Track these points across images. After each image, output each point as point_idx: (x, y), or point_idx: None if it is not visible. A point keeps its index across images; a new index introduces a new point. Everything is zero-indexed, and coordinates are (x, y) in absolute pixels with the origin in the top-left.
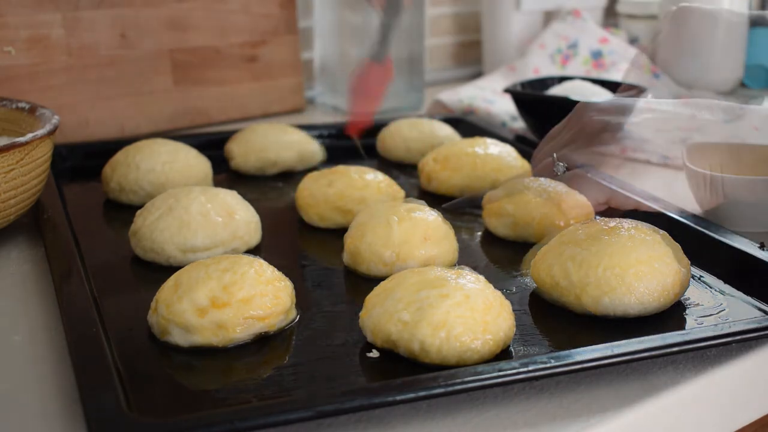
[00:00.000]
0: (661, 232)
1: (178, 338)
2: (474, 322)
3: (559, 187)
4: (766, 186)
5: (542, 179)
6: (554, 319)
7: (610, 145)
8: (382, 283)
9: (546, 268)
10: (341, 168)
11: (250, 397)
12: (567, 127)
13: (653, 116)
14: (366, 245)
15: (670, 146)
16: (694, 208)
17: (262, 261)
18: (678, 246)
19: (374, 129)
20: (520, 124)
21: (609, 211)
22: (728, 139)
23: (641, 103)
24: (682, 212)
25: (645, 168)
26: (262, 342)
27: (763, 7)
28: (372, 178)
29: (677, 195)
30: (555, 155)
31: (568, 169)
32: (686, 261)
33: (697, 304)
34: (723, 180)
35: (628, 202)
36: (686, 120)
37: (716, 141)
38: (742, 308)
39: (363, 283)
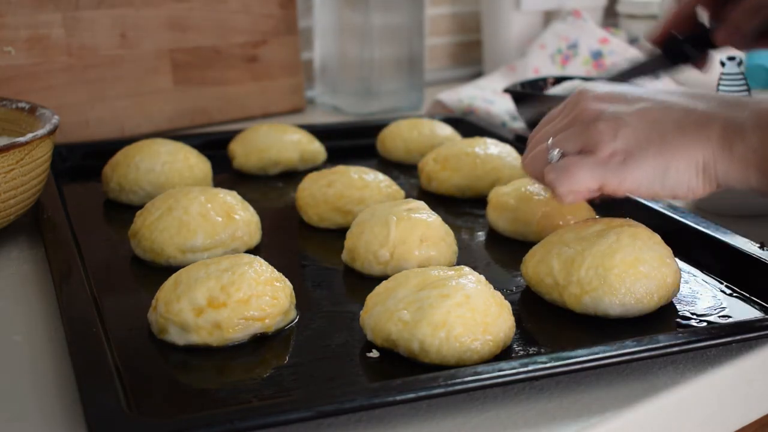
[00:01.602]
0: (656, 235)
1: (176, 337)
2: (474, 323)
3: None
4: None
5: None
6: (554, 320)
7: (605, 133)
8: (383, 282)
9: (534, 265)
10: (341, 168)
11: (250, 397)
12: (563, 112)
13: (649, 106)
14: (363, 243)
15: (665, 136)
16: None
17: (262, 261)
18: (669, 250)
19: (374, 129)
20: (520, 124)
21: (602, 198)
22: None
23: (639, 92)
24: (678, 208)
25: (639, 155)
26: (262, 342)
27: None
28: (372, 178)
29: (670, 183)
30: (550, 141)
31: (562, 155)
32: (676, 266)
33: (697, 304)
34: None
35: (620, 188)
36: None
37: None
38: (742, 308)
39: (363, 283)
